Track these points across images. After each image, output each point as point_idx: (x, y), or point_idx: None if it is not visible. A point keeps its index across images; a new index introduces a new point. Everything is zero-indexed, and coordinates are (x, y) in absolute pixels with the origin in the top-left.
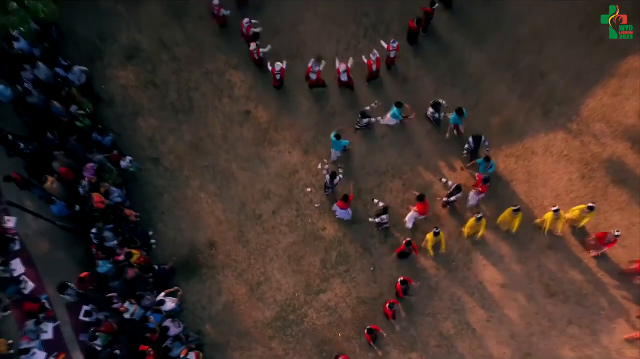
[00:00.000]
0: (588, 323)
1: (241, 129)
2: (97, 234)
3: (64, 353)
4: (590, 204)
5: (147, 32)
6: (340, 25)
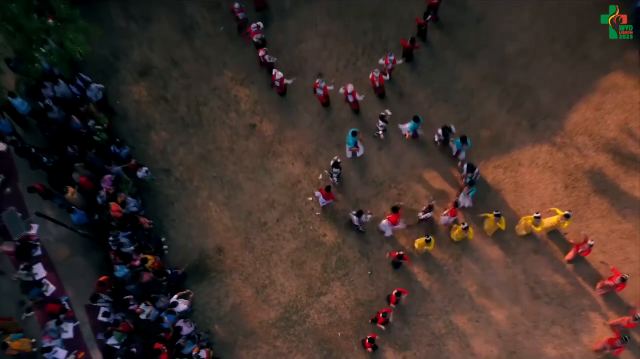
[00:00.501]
0: (569, 323)
1: (247, 141)
2: (114, 240)
3: (84, 351)
4: (566, 213)
5: (158, 50)
6: (340, 43)
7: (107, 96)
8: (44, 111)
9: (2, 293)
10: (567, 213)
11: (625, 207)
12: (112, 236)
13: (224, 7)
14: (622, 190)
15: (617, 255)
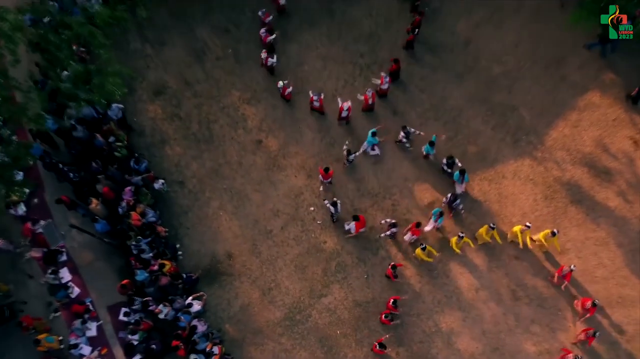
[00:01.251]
0: (548, 322)
1: (254, 156)
2: (136, 246)
3: (106, 347)
4: (554, 231)
5: (172, 72)
6: (339, 64)
7: (125, 113)
8: (70, 130)
9: (31, 295)
10: (554, 231)
11: (600, 216)
12: (135, 241)
13: (232, 32)
14: (597, 201)
15: (592, 260)
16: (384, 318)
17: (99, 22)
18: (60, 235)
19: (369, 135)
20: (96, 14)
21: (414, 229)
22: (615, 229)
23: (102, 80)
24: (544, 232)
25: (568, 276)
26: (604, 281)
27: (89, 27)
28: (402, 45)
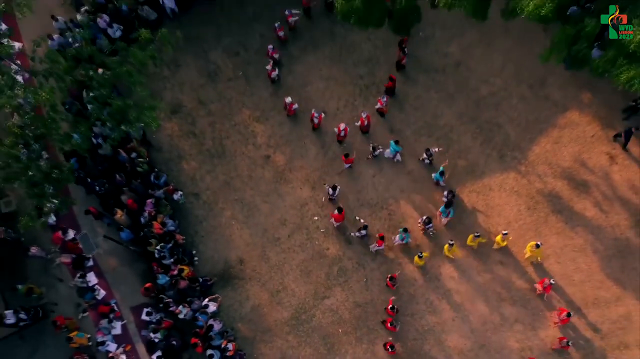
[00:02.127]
0: (530, 321)
1: (263, 170)
2: (160, 251)
3: (130, 344)
4: (537, 243)
5: (187, 92)
6: (340, 85)
7: (146, 131)
8: (95, 148)
9: (62, 297)
10: (538, 243)
11: (577, 225)
12: (160, 247)
13: (242, 55)
14: (575, 211)
15: (570, 265)
16: (389, 326)
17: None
18: (95, 244)
19: (391, 143)
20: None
21: (380, 241)
22: (591, 237)
23: (140, 114)
24: (530, 245)
25: (548, 289)
26: (580, 284)
27: (127, 67)
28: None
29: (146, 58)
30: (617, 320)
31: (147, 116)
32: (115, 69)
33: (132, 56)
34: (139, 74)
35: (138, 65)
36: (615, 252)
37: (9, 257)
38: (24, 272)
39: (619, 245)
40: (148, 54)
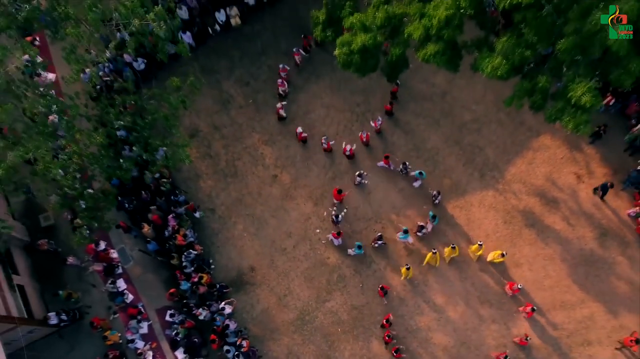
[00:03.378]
0: (505, 321)
1: (271, 188)
2: (187, 257)
3: (156, 342)
4: (503, 252)
5: (203, 118)
6: (339, 112)
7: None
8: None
9: (95, 301)
10: (503, 253)
11: (548, 237)
12: (185, 255)
13: (252, 85)
14: (546, 224)
15: (541, 272)
16: (387, 338)
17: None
18: (131, 256)
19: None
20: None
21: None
22: (560, 248)
23: (175, 152)
24: (497, 253)
25: (516, 291)
26: (550, 289)
27: (164, 112)
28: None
29: (178, 103)
30: (582, 320)
31: (181, 153)
32: (154, 114)
33: (166, 102)
34: (173, 117)
35: (171, 109)
36: (581, 261)
37: (50, 266)
38: (62, 279)
39: (584, 255)
40: (180, 100)
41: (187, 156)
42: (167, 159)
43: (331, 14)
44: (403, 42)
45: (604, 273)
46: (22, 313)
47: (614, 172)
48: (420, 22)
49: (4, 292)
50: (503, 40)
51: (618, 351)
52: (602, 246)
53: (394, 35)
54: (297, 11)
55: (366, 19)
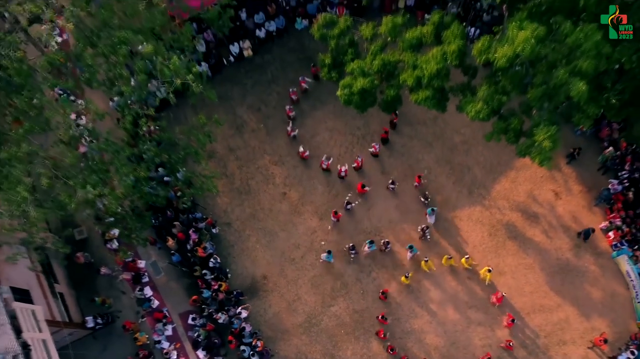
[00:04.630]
0: (490, 324)
1: (280, 204)
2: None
3: (179, 343)
4: (489, 268)
5: (219, 141)
6: (341, 135)
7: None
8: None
9: (125, 306)
10: (489, 268)
11: (529, 248)
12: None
13: (262, 110)
14: (527, 237)
15: (522, 280)
16: (383, 336)
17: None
18: (161, 269)
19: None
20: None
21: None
22: (539, 257)
23: (203, 182)
24: (484, 269)
25: (500, 299)
26: (530, 294)
27: (193, 148)
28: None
29: (205, 139)
30: (558, 322)
31: (209, 183)
32: (186, 150)
33: (195, 138)
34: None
35: (199, 145)
36: (558, 269)
37: (83, 275)
38: (95, 286)
39: (561, 264)
40: (206, 135)
41: (214, 186)
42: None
43: (335, 59)
44: (397, 85)
45: (578, 280)
46: (63, 317)
47: (589, 190)
48: (414, 71)
49: (49, 299)
50: (484, 88)
51: (590, 350)
52: (576, 256)
53: (389, 78)
54: (302, 42)
55: (365, 65)
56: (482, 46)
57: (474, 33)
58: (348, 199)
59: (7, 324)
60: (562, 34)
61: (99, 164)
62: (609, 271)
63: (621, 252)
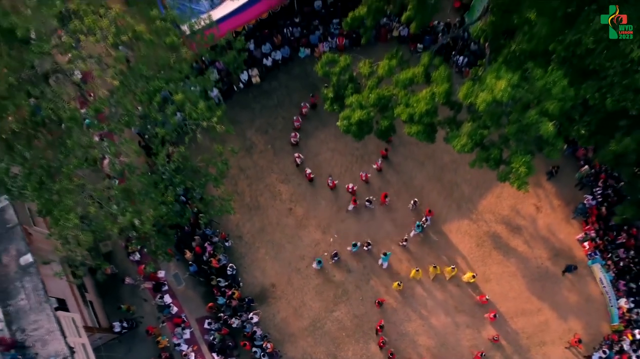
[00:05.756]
0: (477, 326)
1: (287, 219)
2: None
3: (197, 345)
4: (474, 274)
5: (231, 161)
6: (342, 155)
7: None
8: None
9: (146, 312)
10: (474, 274)
11: (512, 257)
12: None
13: (270, 133)
14: (511, 247)
15: (506, 286)
16: (382, 344)
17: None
18: (183, 280)
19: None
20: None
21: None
22: (522, 266)
23: (222, 206)
24: (469, 274)
25: (485, 301)
26: (513, 299)
27: (213, 175)
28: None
29: (224, 167)
30: (538, 325)
31: (227, 206)
32: (206, 177)
33: (214, 166)
34: (220, 178)
35: (218, 172)
36: (538, 277)
37: (108, 285)
38: (119, 295)
39: (541, 272)
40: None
41: (231, 208)
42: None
43: (337, 92)
44: (390, 116)
45: (557, 286)
46: (94, 323)
47: (567, 204)
48: (406, 108)
49: (81, 307)
50: (467, 125)
51: (567, 350)
52: (555, 264)
53: (384, 110)
54: (305, 69)
55: (362, 99)
56: (466, 90)
57: (462, 61)
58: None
59: (56, 330)
60: (533, 79)
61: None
62: (584, 278)
63: (595, 261)
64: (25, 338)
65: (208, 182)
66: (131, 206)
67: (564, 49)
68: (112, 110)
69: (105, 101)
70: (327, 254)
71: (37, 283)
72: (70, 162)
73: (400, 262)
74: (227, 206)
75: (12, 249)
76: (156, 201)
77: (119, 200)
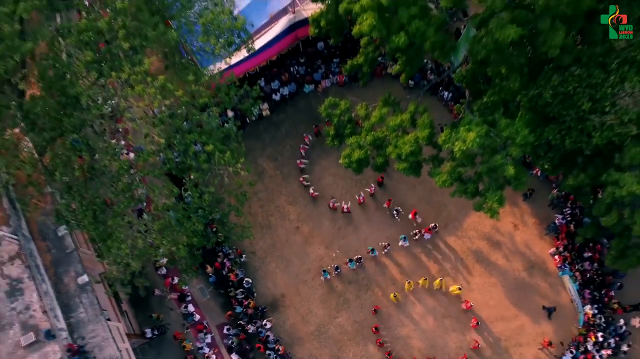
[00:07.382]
0: (462, 330)
1: (295, 236)
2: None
3: (217, 348)
4: (459, 286)
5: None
6: (343, 179)
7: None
8: None
9: (172, 320)
10: (459, 286)
11: (493, 269)
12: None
13: (278, 160)
14: (491, 261)
15: (487, 295)
16: (379, 344)
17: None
18: (207, 292)
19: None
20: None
21: (388, 203)
22: (501, 277)
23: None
24: (454, 287)
25: (469, 307)
26: (493, 307)
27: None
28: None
29: (244, 199)
30: (515, 329)
31: (247, 232)
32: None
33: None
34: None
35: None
36: (515, 287)
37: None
38: (149, 305)
39: (518, 282)
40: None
41: (251, 234)
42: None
43: (337, 130)
44: (384, 154)
45: (532, 295)
46: (129, 330)
47: (541, 222)
48: (395, 149)
49: (118, 316)
50: (447, 165)
51: (540, 351)
52: (530, 276)
53: (378, 149)
54: (309, 103)
55: (360, 139)
56: (445, 137)
57: (447, 96)
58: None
59: (110, 338)
60: (500, 128)
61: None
62: (556, 287)
63: (565, 273)
64: (85, 344)
65: (231, 211)
66: (170, 236)
67: (528, 100)
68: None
69: (152, 153)
70: (331, 267)
71: (92, 299)
72: (120, 201)
73: (394, 274)
74: (248, 232)
75: (71, 270)
76: (189, 230)
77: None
